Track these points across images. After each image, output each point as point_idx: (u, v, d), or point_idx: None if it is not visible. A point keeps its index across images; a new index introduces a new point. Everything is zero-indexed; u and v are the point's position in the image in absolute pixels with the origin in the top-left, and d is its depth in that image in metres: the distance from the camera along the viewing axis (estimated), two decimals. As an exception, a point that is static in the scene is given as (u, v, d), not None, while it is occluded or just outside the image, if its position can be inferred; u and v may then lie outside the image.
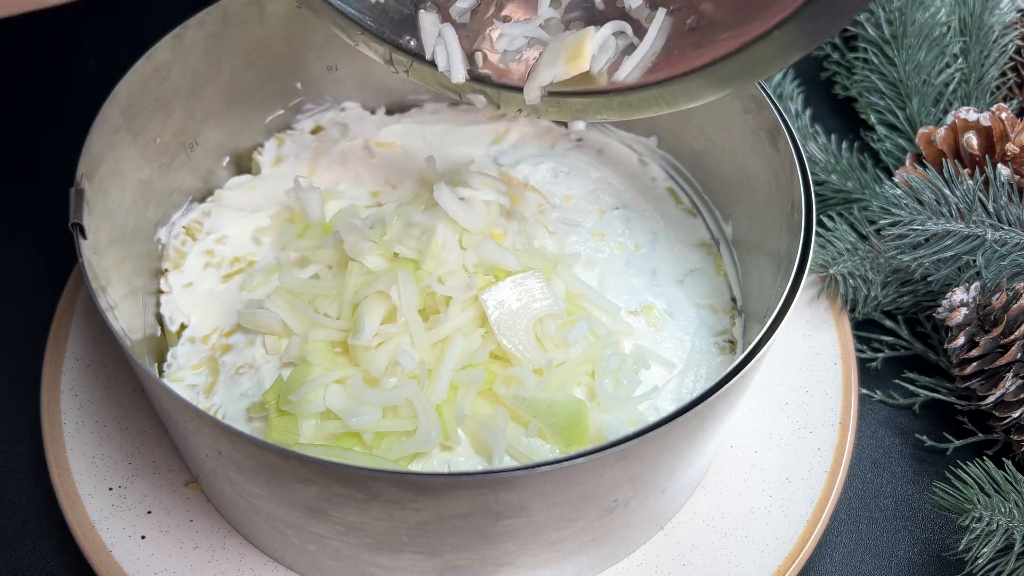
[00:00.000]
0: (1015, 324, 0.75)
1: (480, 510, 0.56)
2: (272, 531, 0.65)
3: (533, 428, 0.68)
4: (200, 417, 0.55)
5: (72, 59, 1.08)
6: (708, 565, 0.70)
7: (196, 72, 0.78)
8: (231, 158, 0.87)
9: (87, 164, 0.66)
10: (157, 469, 0.73)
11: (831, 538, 0.76)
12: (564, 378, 0.70)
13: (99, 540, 0.69)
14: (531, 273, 0.71)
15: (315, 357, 0.69)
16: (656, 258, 0.82)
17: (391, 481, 0.53)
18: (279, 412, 0.68)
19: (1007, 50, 0.93)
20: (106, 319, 0.60)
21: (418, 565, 0.63)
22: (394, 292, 0.69)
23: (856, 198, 0.90)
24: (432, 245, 0.70)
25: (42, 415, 0.75)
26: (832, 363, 0.79)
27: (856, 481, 0.79)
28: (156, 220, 0.80)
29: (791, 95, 0.98)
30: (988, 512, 0.70)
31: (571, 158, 0.89)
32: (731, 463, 0.75)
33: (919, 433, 0.81)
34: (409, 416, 0.67)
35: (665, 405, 0.73)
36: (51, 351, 0.78)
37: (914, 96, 0.94)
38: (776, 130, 0.70)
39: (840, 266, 0.81)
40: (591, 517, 0.61)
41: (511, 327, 0.69)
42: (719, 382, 0.57)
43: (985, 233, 0.78)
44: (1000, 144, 0.82)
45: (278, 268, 0.79)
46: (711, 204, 0.85)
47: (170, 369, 0.75)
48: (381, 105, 0.93)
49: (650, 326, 0.77)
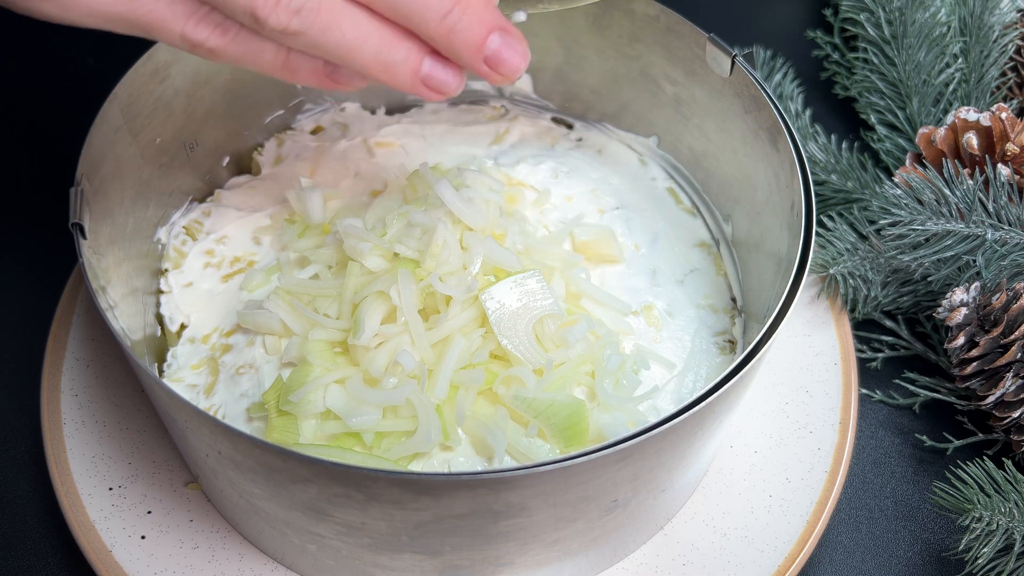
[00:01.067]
0: (1015, 324, 0.75)
1: (480, 510, 0.56)
2: (272, 531, 0.65)
3: (533, 428, 0.68)
4: (200, 417, 0.55)
5: (72, 59, 1.08)
6: (708, 565, 0.70)
7: (196, 72, 0.78)
8: (231, 158, 0.87)
9: (87, 164, 0.66)
10: (157, 469, 0.73)
11: (831, 538, 0.76)
12: (564, 378, 0.70)
13: (99, 540, 0.69)
14: (531, 273, 0.71)
15: (315, 357, 0.69)
16: (656, 258, 0.82)
17: (391, 481, 0.53)
18: (279, 412, 0.68)
19: (1007, 50, 0.93)
20: (106, 319, 0.60)
21: (418, 565, 0.63)
22: (394, 292, 0.69)
23: (856, 198, 0.90)
24: (432, 245, 0.70)
25: (42, 415, 0.75)
26: (832, 363, 0.79)
27: (856, 481, 0.79)
28: (156, 220, 0.80)
29: (791, 95, 0.98)
30: (988, 512, 0.70)
31: (571, 158, 0.89)
32: (731, 463, 0.75)
33: (919, 433, 0.81)
34: (409, 416, 0.67)
35: (665, 405, 0.73)
36: (51, 351, 0.78)
37: (914, 96, 0.94)
38: (776, 130, 0.70)
39: (840, 266, 0.81)
40: (591, 517, 0.61)
41: (511, 327, 0.69)
42: (719, 382, 0.57)
43: (985, 233, 0.78)
44: (1000, 144, 0.82)
45: (278, 268, 0.79)
46: (711, 204, 0.85)
47: (170, 369, 0.75)
48: (381, 105, 0.93)
49: (650, 326, 0.77)
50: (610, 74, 0.86)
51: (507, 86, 0.92)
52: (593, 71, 0.87)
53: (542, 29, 0.86)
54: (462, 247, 0.72)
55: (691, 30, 0.76)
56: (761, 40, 1.05)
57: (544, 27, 0.86)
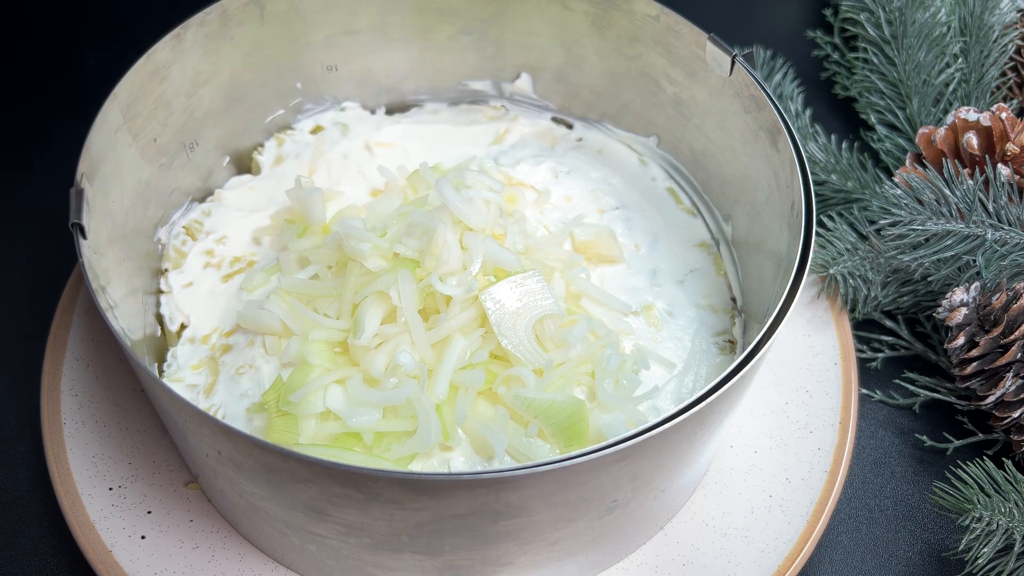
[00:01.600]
0: (1015, 324, 0.75)
1: (480, 510, 0.56)
2: (272, 531, 0.65)
3: (533, 428, 0.68)
4: (200, 417, 0.55)
5: (72, 59, 1.08)
6: (708, 565, 0.70)
7: (196, 72, 0.78)
8: (231, 158, 0.87)
9: (87, 164, 0.66)
10: (157, 469, 0.73)
11: (831, 538, 0.76)
12: (564, 378, 0.70)
13: (99, 540, 0.69)
14: (531, 273, 0.71)
15: (315, 357, 0.69)
16: (656, 258, 0.82)
17: (391, 481, 0.53)
18: (279, 413, 0.68)
19: (1007, 50, 0.93)
20: (106, 319, 0.60)
21: (418, 565, 0.63)
22: (394, 292, 0.69)
23: (856, 198, 0.90)
24: (432, 245, 0.70)
25: (42, 415, 0.75)
26: (832, 363, 0.79)
27: (856, 481, 0.79)
28: (156, 220, 0.80)
29: (791, 95, 0.98)
30: (988, 512, 0.70)
31: (571, 158, 0.89)
32: (731, 463, 0.75)
33: (919, 433, 0.81)
34: (409, 416, 0.67)
35: (665, 405, 0.73)
36: (51, 351, 0.78)
37: (914, 96, 0.94)
38: (776, 130, 0.70)
39: (840, 266, 0.81)
40: (591, 517, 0.61)
41: (511, 327, 0.69)
42: (719, 382, 0.57)
43: (985, 233, 0.78)
44: (1000, 144, 0.82)
45: (278, 268, 0.79)
46: (711, 204, 0.85)
47: (170, 369, 0.75)
48: (381, 105, 0.93)
49: (650, 326, 0.77)
50: (610, 74, 0.86)
51: (507, 86, 0.92)
52: (593, 71, 0.87)
53: (542, 29, 0.86)
54: (462, 247, 0.72)
55: (691, 30, 0.76)
56: (761, 40, 1.05)
57: (544, 27, 0.86)
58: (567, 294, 0.76)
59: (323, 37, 0.85)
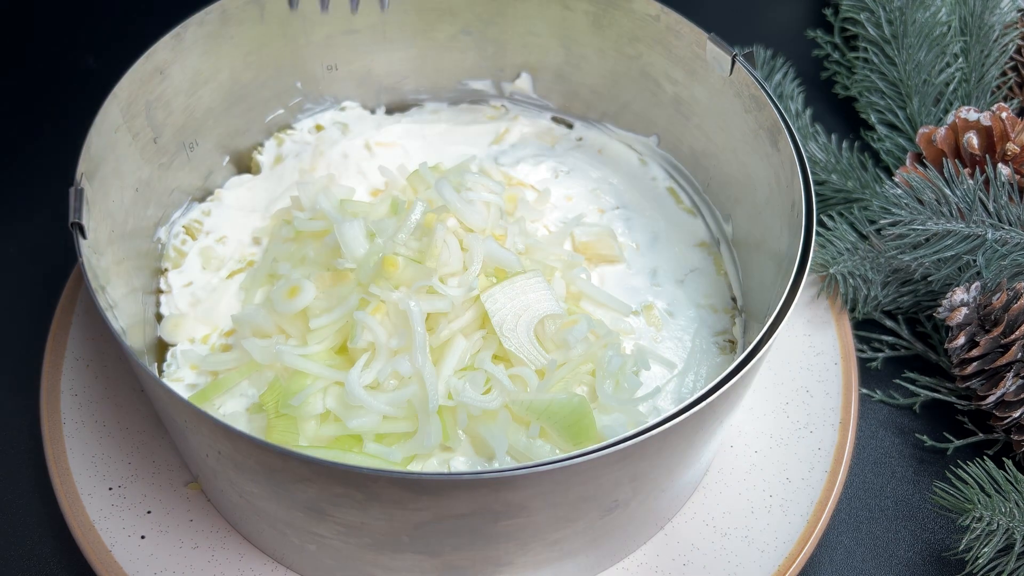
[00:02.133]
0: (1015, 324, 0.75)
1: (480, 510, 0.56)
2: (272, 531, 0.65)
3: (534, 429, 0.68)
4: (200, 417, 0.55)
5: (72, 59, 1.08)
6: (708, 565, 0.70)
7: (196, 72, 0.78)
8: (231, 158, 0.87)
9: (87, 164, 0.66)
10: (157, 469, 0.73)
11: (831, 538, 0.76)
12: (565, 379, 0.70)
13: (99, 540, 0.69)
14: (531, 273, 0.71)
15: (313, 360, 0.69)
16: (656, 258, 0.82)
17: (391, 481, 0.53)
18: (278, 414, 0.68)
19: (1007, 50, 0.93)
20: (106, 319, 0.60)
21: (418, 565, 0.63)
22: (395, 296, 0.69)
23: (856, 198, 0.90)
24: (432, 245, 0.70)
25: (42, 415, 0.75)
26: (832, 363, 0.79)
27: (856, 481, 0.79)
28: (156, 220, 0.80)
29: (791, 95, 0.98)
30: (988, 512, 0.70)
31: (571, 158, 0.89)
32: (731, 463, 0.75)
33: (919, 433, 0.81)
34: (409, 418, 0.67)
35: (665, 405, 0.73)
36: (51, 351, 0.78)
37: (914, 96, 0.94)
38: (776, 130, 0.70)
39: (840, 266, 0.81)
40: (591, 517, 0.60)
41: (512, 328, 0.69)
42: (719, 382, 0.57)
43: (985, 233, 0.78)
44: (1000, 144, 0.82)
45: (275, 272, 0.78)
46: (711, 204, 0.85)
47: (170, 369, 0.75)
48: (381, 105, 0.93)
49: (650, 326, 0.77)
50: (610, 74, 0.86)
51: (507, 85, 0.92)
52: (593, 71, 0.87)
53: (542, 28, 0.86)
54: (462, 247, 0.72)
55: (691, 30, 0.76)
56: (761, 40, 1.05)
57: (544, 26, 0.86)
58: (567, 294, 0.76)
59: (323, 37, 0.85)
